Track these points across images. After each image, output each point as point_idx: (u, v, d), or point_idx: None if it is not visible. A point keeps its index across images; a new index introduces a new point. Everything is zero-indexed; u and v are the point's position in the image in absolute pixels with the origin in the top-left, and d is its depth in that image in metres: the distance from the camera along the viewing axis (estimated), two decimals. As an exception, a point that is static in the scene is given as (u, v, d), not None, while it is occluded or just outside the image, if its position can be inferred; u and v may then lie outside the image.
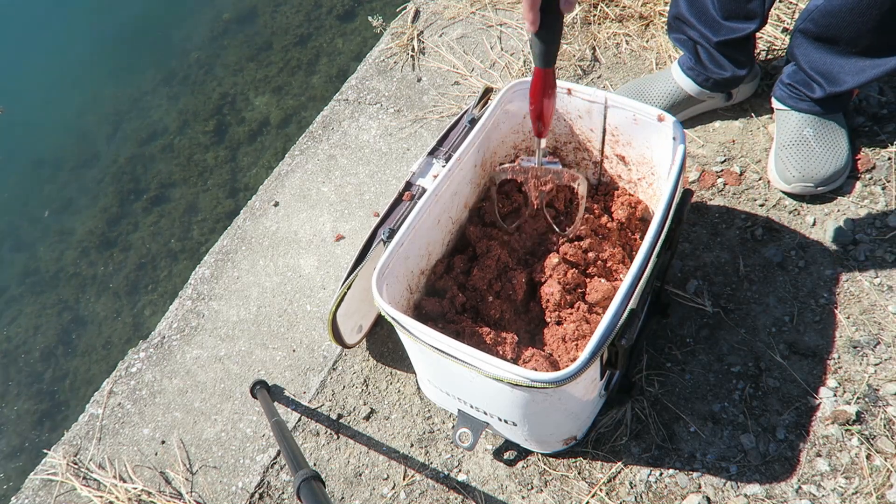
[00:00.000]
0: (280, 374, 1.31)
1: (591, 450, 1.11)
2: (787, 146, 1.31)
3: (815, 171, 1.27)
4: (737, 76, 1.36)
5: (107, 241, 2.27)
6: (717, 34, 1.28)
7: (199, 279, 1.49)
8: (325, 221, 1.53)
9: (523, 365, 1.01)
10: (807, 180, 1.28)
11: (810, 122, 1.30)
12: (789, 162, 1.29)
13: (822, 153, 1.28)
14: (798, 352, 1.15)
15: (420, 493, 1.13)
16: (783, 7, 1.62)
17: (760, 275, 1.24)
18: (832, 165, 1.28)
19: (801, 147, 1.29)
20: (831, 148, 1.29)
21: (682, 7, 1.32)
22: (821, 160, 1.28)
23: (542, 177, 1.17)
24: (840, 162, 1.28)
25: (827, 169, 1.27)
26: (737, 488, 1.04)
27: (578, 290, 1.11)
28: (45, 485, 1.26)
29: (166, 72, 2.68)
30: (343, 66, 2.50)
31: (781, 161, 1.30)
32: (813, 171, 1.27)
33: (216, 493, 1.19)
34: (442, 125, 1.63)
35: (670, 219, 0.97)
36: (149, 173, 2.40)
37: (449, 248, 1.19)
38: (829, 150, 1.28)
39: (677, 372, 1.17)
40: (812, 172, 1.27)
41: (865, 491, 1.01)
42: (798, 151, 1.29)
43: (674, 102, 1.42)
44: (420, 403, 1.22)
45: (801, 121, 1.31)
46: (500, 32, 1.78)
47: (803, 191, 1.29)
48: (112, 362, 1.93)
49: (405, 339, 1.00)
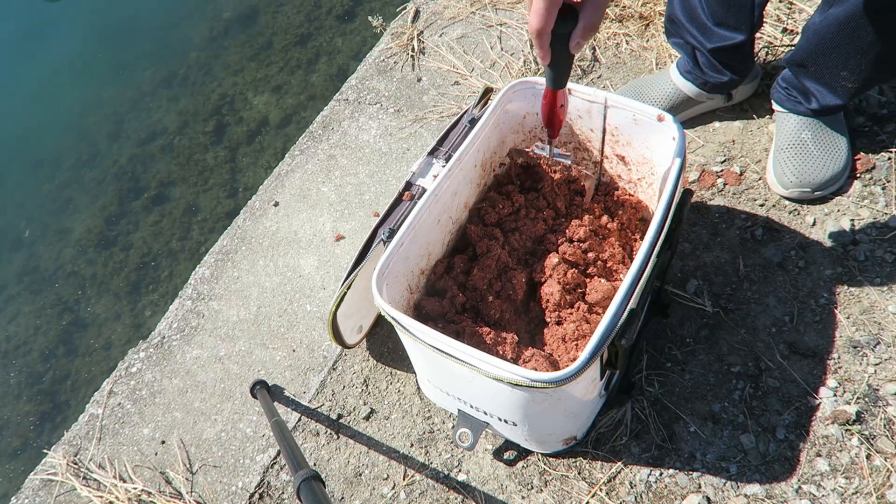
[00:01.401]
0: (280, 374, 1.31)
1: (591, 450, 1.11)
2: (785, 149, 1.30)
3: (812, 176, 1.27)
4: (735, 80, 1.36)
5: (107, 241, 2.27)
6: (710, 41, 1.28)
7: (199, 279, 1.49)
8: (325, 221, 1.53)
9: (523, 365, 1.01)
10: (804, 185, 1.28)
11: (809, 126, 1.30)
12: (787, 166, 1.29)
13: (819, 157, 1.28)
14: (798, 352, 1.15)
15: (420, 493, 1.13)
16: (783, 7, 1.62)
17: (760, 275, 1.24)
18: (830, 170, 1.27)
19: (798, 150, 1.29)
20: (830, 152, 1.28)
21: (676, 9, 1.32)
22: (818, 164, 1.27)
23: (552, 166, 1.18)
24: (838, 166, 1.28)
25: (825, 174, 1.27)
26: (737, 488, 1.04)
27: (578, 290, 1.11)
28: (45, 485, 1.26)
29: (166, 72, 2.68)
30: (343, 66, 2.50)
31: (779, 165, 1.30)
32: (811, 177, 1.27)
33: (216, 493, 1.19)
34: (442, 125, 1.63)
35: (670, 219, 0.97)
36: (149, 173, 2.40)
37: (449, 248, 1.19)
38: (828, 153, 1.28)
39: (677, 372, 1.17)
40: (810, 178, 1.27)
41: (865, 491, 1.01)
42: (796, 155, 1.29)
43: (673, 104, 1.42)
44: (420, 403, 1.22)
45: (800, 124, 1.31)
46: (500, 32, 1.78)
47: (801, 196, 1.29)
48: (112, 362, 1.94)
49: (405, 339, 1.00)
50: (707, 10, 1.25)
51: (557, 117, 0.98)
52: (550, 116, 0.97)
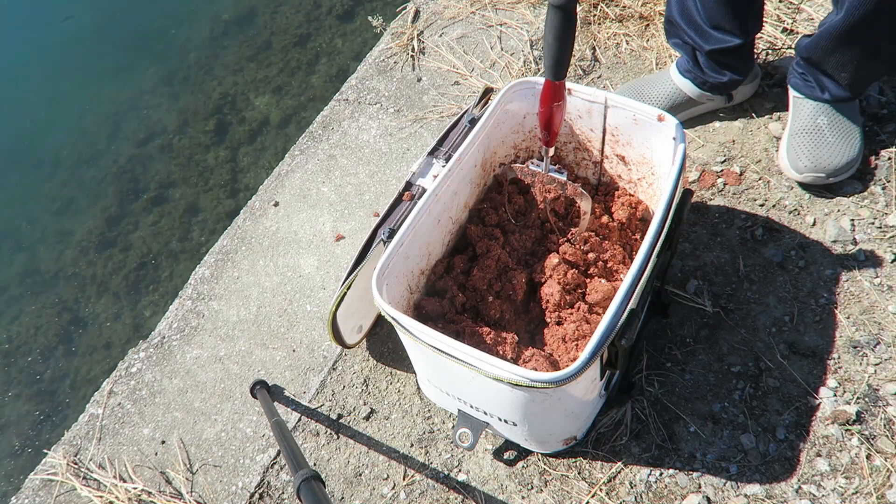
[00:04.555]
0: (280, 374, 1.31)
1: (591, 450, 1.11)
2: (800, 133, 1.29)
3: (827, 161, 1.26)
4: (735, 81, 1.35)
5: (107, 241, 2.27)
6: (707, 42, 1.28)
7: (199, 279, 1.49)
8: (325, 221, 1.53)
9: (523, 365, 1.01)
10: (818, 170, 1.26)
11: (825, 111, 1.29)
12: (801, 151, 1.28)
13: (835, 143, 1.26)
14: (798, 352, 1.15)
15: (420, 493, 1.13)
16: (783, 7, 1.62)
17: (760, 275, 1.24)
18: (845, 156, 1.26)
19: (814, 136, 1.27)
20: (845, 138, 1.27)
21: (673, 11, 1.32)
22: (834, 150, 1.26)
23: (547, 184, 1.17)
24: (853, 152, 1.27)
25: (840, 159, 1.26)
26: (737, 488, 1.04)
27: (578, 290, 1.11)
28: (45, 485, 1.26)
29: (166, 72, 2.68)
30: (343, 66, 2.50)
31: (794, 149, 1.29)
32: (825, 162, 1.26)
33: (216, 492, 1.19)
34: (442, 125, 1.63)
35: (670, 219, 0.97)
36: (149, 173, 2.40)
37: (449, 248, 1.19)
38: (843, 139, 1.27)
39: (677, 372, 1.17)
40: (824, 162, 1.26)
41: (865, 491, 1.01)
42: (811, 140, 1.27)
43: (673, 104, 1.42)
44: (420, 403, 1.22)
45: (816, 109, 1.29)
46: (500, 32, 1.78)
47: (814, 181, 1.28)
48: (112, 362, 1.94)
49: (405, 339, 1.00)
50: (703, 13, 1.25)
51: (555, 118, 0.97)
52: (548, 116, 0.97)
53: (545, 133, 1.01)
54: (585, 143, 1.21)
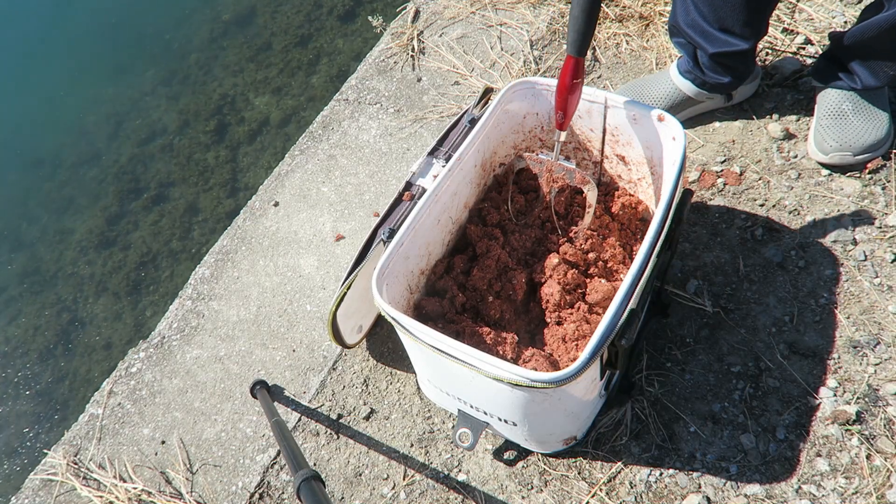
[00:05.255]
0: (280, 374, 1.31)
1: (591, 450, 1.11)
2: (825, 118, 1.30)
3: (853, 140, 1.25)
4: (735, 82, 1.36)
5: (107, 241, 2.27)
6: (712, 45, 1.28)
7: (199, 279, 1.49)
8: (325, 221, 1.53)
9: (523, 365, 1.01)
10: (844, 149, 1.26)
11: (850, 98, 1.29)
12: (827, 133, 1.28)
13: (860, 125, 1.27)
14: (798, 352, 1.15)
15: (420, 493, 1.13)
16: (783, 7, 1.62)
17: (760, 275, 1.24)
18: (871, 136, 1.26)
19: (839, 119, 1.28)
20: (871, 121, 1.27)
21: (678, 18, 1.32)
22: (859, 130, 1.26)
23: (555, 172, 1.17)
24: (881, 132, 1.26)
25: (866, 139, 1.26)
26: (737, 488, 1.04)
27: (578, 290, 1.11)
28: (45, 485, 1.26)
29: (166, 72, 2.69)
30: (343, 66, 2.50)
31: (819, 133, 1.29)
32: (852, 140, 1.25)
33: (216, 492, 1.19)
34: (442, 125, 1.63)
35: (670, 219, 0.97)
36: (149, 173, 2.40)
37: (449, 248, 1.19)
38: (869, 122, 1.27)
39: (677, 372, 1.17)
40: (851, 141, 1.25)
41: (865, 491, 1.01)
42: (836, 123, 1.28)
43: (673, 103, 1.42)
44: (420, 403, 1.22)
45: (841, 96, 1.30)
46: (500, 32, 1.78)
47: (842, 160, 1.27)
48: (112, 362, 1.94)
49: (405, 339, 1.00)
50: (712, 15, 1.25)
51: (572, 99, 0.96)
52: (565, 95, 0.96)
53: (560, 114, 1.00)
54: (585, 143, 1.21)
